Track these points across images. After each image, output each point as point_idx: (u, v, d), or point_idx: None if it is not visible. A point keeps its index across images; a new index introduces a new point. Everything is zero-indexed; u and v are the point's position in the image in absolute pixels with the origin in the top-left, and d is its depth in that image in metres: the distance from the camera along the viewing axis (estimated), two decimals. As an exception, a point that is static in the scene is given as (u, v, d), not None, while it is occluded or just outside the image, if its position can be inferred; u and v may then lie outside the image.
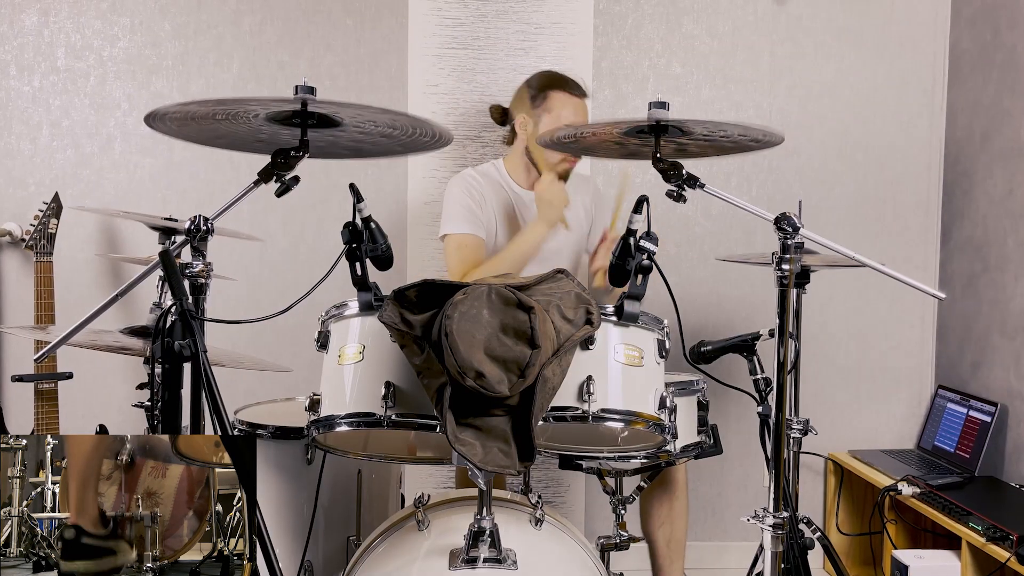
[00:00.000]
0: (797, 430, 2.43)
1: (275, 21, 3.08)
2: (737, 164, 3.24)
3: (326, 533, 2.05)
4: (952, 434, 3.08)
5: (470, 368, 1.41)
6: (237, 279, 2.93)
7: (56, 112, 3.00)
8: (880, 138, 3.28)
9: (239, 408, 2.22)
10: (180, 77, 3.04)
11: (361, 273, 1.61)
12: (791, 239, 1.68)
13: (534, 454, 1.47)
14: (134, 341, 2.05)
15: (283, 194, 1.66)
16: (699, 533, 3.28)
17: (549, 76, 2.63)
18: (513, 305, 1.46)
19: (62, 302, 2.82)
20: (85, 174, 3.01)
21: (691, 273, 3.26)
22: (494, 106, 2.79)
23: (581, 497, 3.22)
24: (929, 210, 3.31)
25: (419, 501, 1.75)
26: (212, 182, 3.06)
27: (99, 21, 3.00)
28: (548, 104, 2.57)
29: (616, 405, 1.57)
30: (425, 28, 3.10)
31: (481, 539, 1.58)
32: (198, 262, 1.63)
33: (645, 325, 1.63)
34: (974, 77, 3.15)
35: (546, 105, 2.57)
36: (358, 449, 1.85)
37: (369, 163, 3.12)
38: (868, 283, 3.28)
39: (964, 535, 2.49)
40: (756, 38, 3.24)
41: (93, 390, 3.01)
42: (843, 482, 3.25)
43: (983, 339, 3.07)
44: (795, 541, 2.05)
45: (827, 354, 3.29)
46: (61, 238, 2.84)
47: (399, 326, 1.50)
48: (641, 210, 1.64)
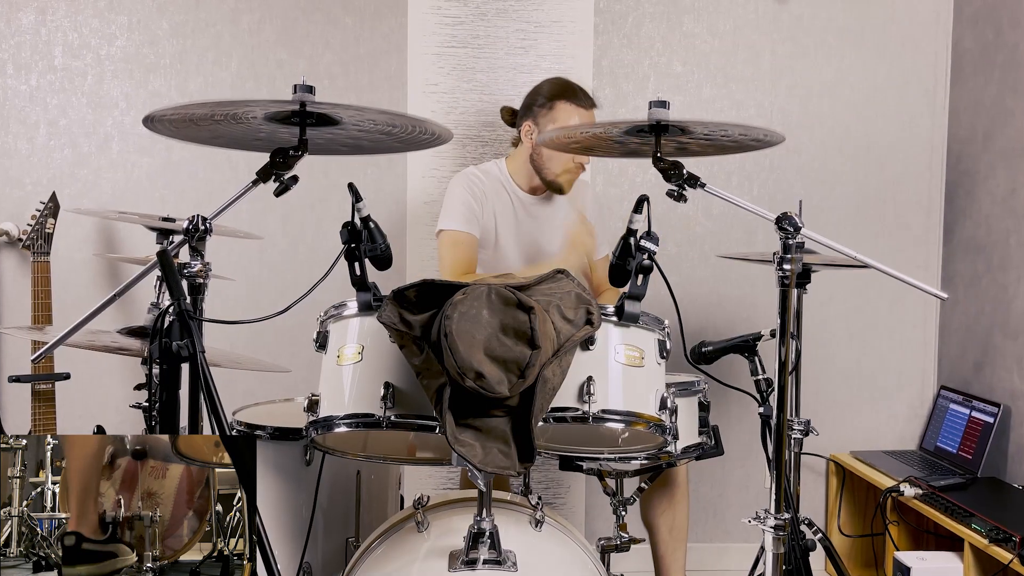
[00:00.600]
0: (798, 431, 2.43)
1: (274, 20, 3.08)
2: (738, 163, 3.24)
3: (325, 534, 2.04)
4: (955, 435, 3.08)
5: (470, 369, 1.41)
6: (236, 279, 2.93)
7: (53, 111, 3.00)
8: (882, 137, 3.28)
9: (237, 409, 2.22)
10: (178, 76, 3.04)
11: (360, 273, 1.61)
12: (792, 239, 1.68)
13: (534, 455, 1.47)
14: (132, 341, 2.05)
15: (282, 194, 1.65)
16: (700, 534, 3.28)
17: (559, 85, 2.61)
18: (513, 305, 1.46)
19: (59, 302, 2.82)
20: (82, 173, 3.01)
21: (692, 273, 3.26)
22: (505, 107, 2.79)
23: (581, 498, 3.22)
24: (931, 210, 3.31)
25: (418, 502, 1.75)
26: (210, 181, 3.06)
27: (97, 20, 3.00)
28: (554, 114, 2.55)
29: (616, 406, 1.57)
30: (425, 27, 3.09)
31: (481, 540, 1.57)
32: (196, 262, 1.63)
33: (646, 325, 1.63)
34: (976, 76, 3.15)
35: (552, 115, 2.55)
36: (357, 450, 1.85)
37: (368, 162, 3.12)
38: (869, 283, 3.28)
39: (967, 537, 2.49)
40: (757, 37, 3.24)
41: (90, 391, 3.01)
42: (845, 483, 3.25)
43: (986, 339, 3.07)
44: (796, 543, 2.05)
45: (828, 354, 3.29)
46: (58, 238, 2.84)
47: (398, 326, 1.50)
48: (641, 210, 1.64)
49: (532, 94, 2.63)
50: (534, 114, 2.59)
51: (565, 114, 2.54)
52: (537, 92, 2.62)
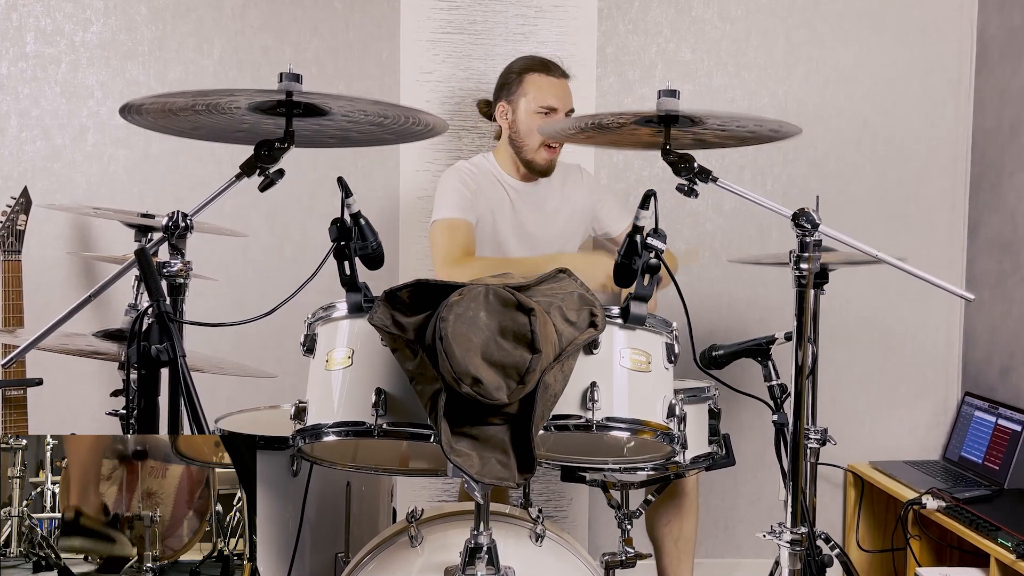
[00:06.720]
0: (815, 440, 2.43)
1: (259, 3, 3.07)
2: (751, 157, 3.24)
3: (313, 549, 2.05)
4: (980, 444, 3.08)
5: (466, 374, 1.41)
6: (218, 279, 2.93)
7: (25, 101, 2.99)
8: (902, 129, 3.28)
9: (220, 416, 2.22)
10: (157, 63, 3.03)
11: (350, 273, 1.61)
12: (810, 236, 1.68)
13: (534, 465, 1.47)
14: (108, 345, 2.05)
15: (267, 188, 1.66)
16: (710, 549, 3.28)
17: (527, 59, 2.74)
18: (512, 307, 1.46)
19: (31, 304, 2.82)
20: (56, 167, 3.01)
21: (702, 273, 3.26)
22: (481, 100, 2.90)
23: (584, 511, 3.22)
24: (955, 205, 3.31)
25: (412, 515, 1.75)
26: (192, 176, 3.06)
27: (71, 4, 2.99)
28: (524, 88, 2.66)
29: (622, 413, 1.57)
30: (419, 11, 3.09)
31: (478, 556, 1.58)
32: (176, 261, 1.63)
33: (653, 328, 1.63)
34: (1003, 64, 3.15)
35: (522, 89, 2.66)
36: (347, 460, 1.85)
37: (359, 155, 3.12)
38: (890, 283, 3.28)
39: (992, 551, 2.49)
40: (771, 22, 3.24)
41: (64, 397, 3.00)
42: (864, 495, 3.25)
43: (1013, 343, 3.06)
44: (813, 558, 2.05)
45: (846, 359, 3.29)
46: (30, 235, 2.83)
47: (390, 329, 1.50)
48: (648, 206, 1.64)
49: (503, 75, 2.74)
50: (507, 92, 2.69)
51: (534, 85, 2.65)
52: (508, 71, 2.73)
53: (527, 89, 2.65)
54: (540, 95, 2.63)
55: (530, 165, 2.68)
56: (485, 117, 2.89)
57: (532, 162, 2.67)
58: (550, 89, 2.65)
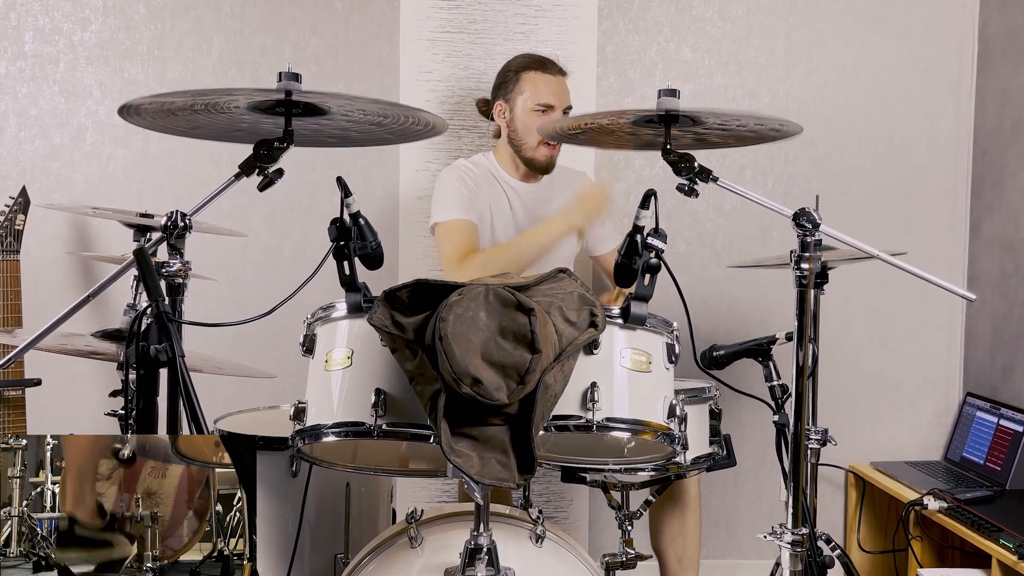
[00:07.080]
0: (816, 440, 2.43)
1: (258, 3, 3.07)
2: (751, 156, 3.24)
3: (312, 551, 2.04)
4: (982, 445, 3.08)
5: (466, 374, 1.41)
6: (217, 279, 2.93)
7: (23, 100, 2.99)
8: (903, 128, 3.28)
9: (219, 417, 2.22)
10: (156, 63, 3.03)
11: (349, 272, 1.61)
12: (811, 236, 1.69)
13: (534, 466, 1.47)
14: (107, 345, 2.05)
15: (266, 188, 1.66)
16: (710, 550, 3.28)
17: (524, 57, 2.74)
18: (512, 307, 1.46)
19: (29, 304, 2.82)
20: (55, 167, 3.01)
21: (702, 273, 3.26)
22: (480, 99, 2.89)
23: (585, 512, 3.22)
24: (956, 205, 3.31)
25: (411, 516, 1.75)
26: (191, 175, 3.06)
27: (69, 3, 2.99)
28: (520, 86, 2.67)
29: (622, 414, 1.57)
30: (418, 11, 3.09)
31: (478, 557, 1.58)
32: (175, 261, 1.63)
33: (653, 328, 1.63)
34: (1004, 63, 3.15)
35: (519, 87, 2.67)
36: (346, 461, 1.85)
37: (359, 155, 3.12)
38: (891, 283, 3.28)
39: (994, 552, 2.49)
40: (771, 21, 3.24)
41: (63, 397, 3.00)
42: (865, 496, 3.25)
43: (1015, 343, 3.07)
44: (814, 559, 2.05)
45: (847, 359, 3.29)
46: (28, 235, 2.83)
47: (390, 329, 1.50)
48: (648, 205, 1.64)
49: (500, 73, 2.75)
50: (504, 91, 2.70)
51: (531, 83, 2.66)
52: (505, 69, 2.74)
53: (524, 87, 2.66)
54: (537, 93, 2.64)
55: (530, 163, 2.68)
56: (484, 116, 2.89)
57: (532, 160, 2.67)
58: (547, 87, 2.65)
